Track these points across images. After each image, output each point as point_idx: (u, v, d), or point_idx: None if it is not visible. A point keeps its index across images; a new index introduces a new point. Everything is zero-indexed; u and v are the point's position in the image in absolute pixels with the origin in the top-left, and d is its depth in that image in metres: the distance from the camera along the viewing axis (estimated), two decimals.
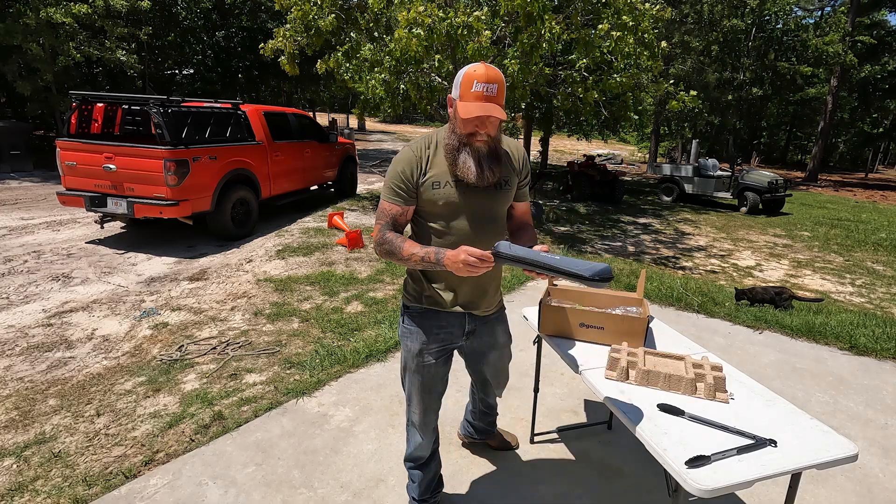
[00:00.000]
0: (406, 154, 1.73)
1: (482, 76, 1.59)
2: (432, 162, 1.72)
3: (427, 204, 1.73)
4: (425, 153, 1.73)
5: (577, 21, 7.37)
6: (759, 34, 22.63)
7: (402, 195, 1.71)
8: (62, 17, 10.91)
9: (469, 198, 1.72)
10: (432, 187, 1.70)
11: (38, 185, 10.25)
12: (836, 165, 33.93)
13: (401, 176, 1.70)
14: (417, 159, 1.71)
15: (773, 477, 1.45)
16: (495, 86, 1.60)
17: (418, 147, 1.74)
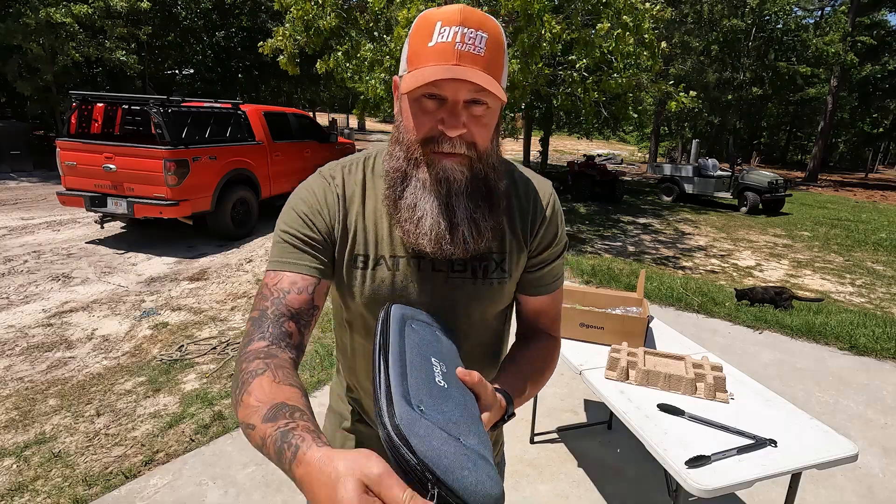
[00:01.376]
0: (312, 188, 0.91)
1: (452, 17, 0.76)
2: (356, 215, 0.89)
3: (353, 296, 0.91)
4: (341, 197, 0.90)
5: (577, 21, 7.38)
6: (759, 34, 22.63)
7: (307, 252, 0.86)
8: (62, 17, 10.90)
9: (424, 289, 0.89)
10: (353, 266, 0.89)
11: (38, 185, 10.25)
12: (836, 165, 33.94)
13: (303, 220, 0.87)
14: (327, 205, 0.89)
15: (773, 477, 1.45)
16: (483, 35, 0.77)
17: (332, 181, 0.91)
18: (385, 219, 0.89)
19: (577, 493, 2.41)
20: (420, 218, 0.81)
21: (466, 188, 0.83)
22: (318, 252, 0.87)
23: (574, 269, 6.18)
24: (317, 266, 0.86)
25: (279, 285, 0.84)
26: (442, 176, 0.81)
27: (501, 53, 0.79)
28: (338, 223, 0.89)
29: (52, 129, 15.26)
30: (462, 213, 0.82)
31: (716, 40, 21.57)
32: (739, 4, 21.21)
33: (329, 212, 0.89)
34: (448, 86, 0.76)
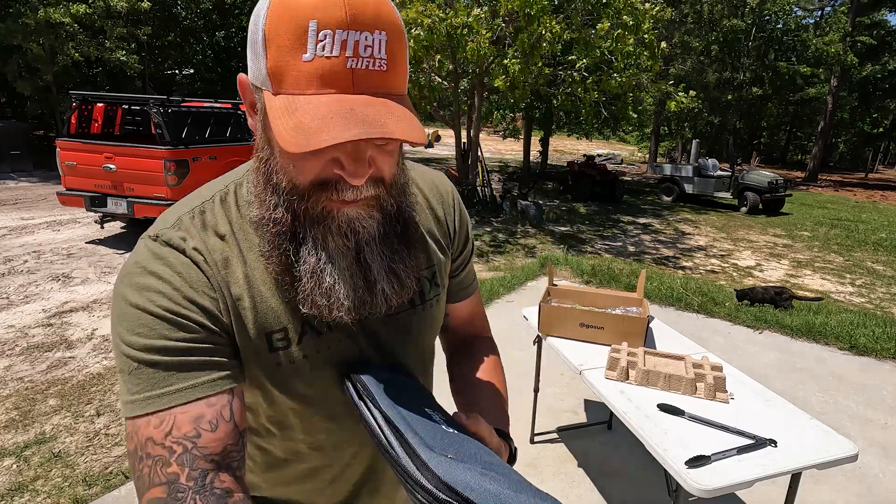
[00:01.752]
0: (156, 269, 0.61)
1: (334, 12, 0.52)
2: (244, 280, 0.65)
3: (264, 394, 0.71)
4: (211, 264, 0.64)
5: (577, 21, 7.38)
6: (759, 34, 22.63)
7: (200, 362, 0.61)
8: (62, 17, 10.91)
9: (370, 341, 0.74)
10: (269, 349, 0.67)
11: (38, 185, 10.25)
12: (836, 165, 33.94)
13: (169, 320, 0.59)
14: (196, 284, 0.62)
15: (773, 477, 1.45)
16: (381, 35, 0.55)
17: (185, 245, 0.64)
18: (271, 288, 0.66)
19: (577, 493, 2.41)
20: (329, 288, 0.62)
21: (378, 233, 0.65)
22: (216, 352, 0.62)
23: (574, 269, 6.19)
24: (224, 373, 0.61)
25: (178, 432, 0.56)
26: (347, 228, 0.62)
27: (403, 45, 0.57)
28: (222, 302, 0.63)
29: (52, 129, 15.27)
30: (378, 265, 0.65)
31: (716, 40, 21.58)
32: (739, 4, 21.21)
33: (203, 291, 0.61)
34: (354, 141, 0.52)
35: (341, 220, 0.61)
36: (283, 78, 0.54)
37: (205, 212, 0.67)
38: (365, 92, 0.54)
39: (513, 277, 5.67)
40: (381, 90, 0.55)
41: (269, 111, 0.55)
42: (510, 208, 9.99)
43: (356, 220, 0.62)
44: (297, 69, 0.53)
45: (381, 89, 0.55)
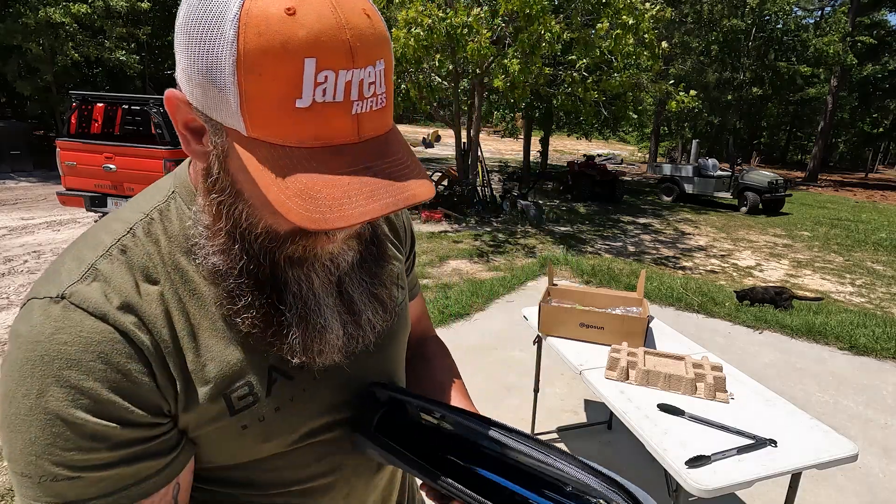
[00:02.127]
0: (65, 351, 0.46)
1: (335, 48, 0.42)
2: (187, 336, 0.53)
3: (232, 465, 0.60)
4: (141, 328, 0.50)
5: (577, 21, 7.38)
6: (759, 34, 22.63)
7: (134, 459, 0.50)
8: (62, 17, 10.91)
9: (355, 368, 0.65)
10: (231, 410, 0.55)
11: (38, 185, 10.25)
12: (836, 165, 33.94)
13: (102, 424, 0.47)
14: (123, 365, 0.48)
15: (773, 477, 1.45)
16: (380, 65, 0.46)
17: (106, 309, 0.49)
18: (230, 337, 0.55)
19: None
20: (321, 330, 0.55)
21: (357, 260, 0.60)
22: (157, 449, 0.51)
23: (574, 269, 6.19)
24: (166, 470, 0.52)
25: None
26: (331, 265, 0.57)
27: (392, 63, 0.50)
28: (163, 376, 0.51)
29: (52, 129, 15.27)
30: (359, 294, 0.60)
31: (716, 40, 21.58)
32: (739, 4, 21.21)
33: (138, 375, 0.49)
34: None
35: (324, 258, 0.56)
36: (265, 123, 0.43)
37: (126, 250, 0.52)
38: (367, 136, 0.47)
39: (513, 277, 5.67)
40: (382, 130, 0.49)
41: (244, 159, 0.45)
42: (510, 208, 10.00)
43: (339, 255, 0.57)
44: (288, 115, 0.43)
45: (381, 130, 0.48)
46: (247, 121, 0.44)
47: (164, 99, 0.49)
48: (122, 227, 0.54)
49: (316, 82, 0.42)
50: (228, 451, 0.57)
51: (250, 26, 0.41)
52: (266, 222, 0.51)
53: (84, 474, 0.47)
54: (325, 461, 0.64)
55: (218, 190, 0.51)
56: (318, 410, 0.62)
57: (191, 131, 0.50)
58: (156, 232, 0.55)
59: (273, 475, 0.62)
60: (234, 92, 0.43)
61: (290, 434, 0.59)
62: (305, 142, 0.44)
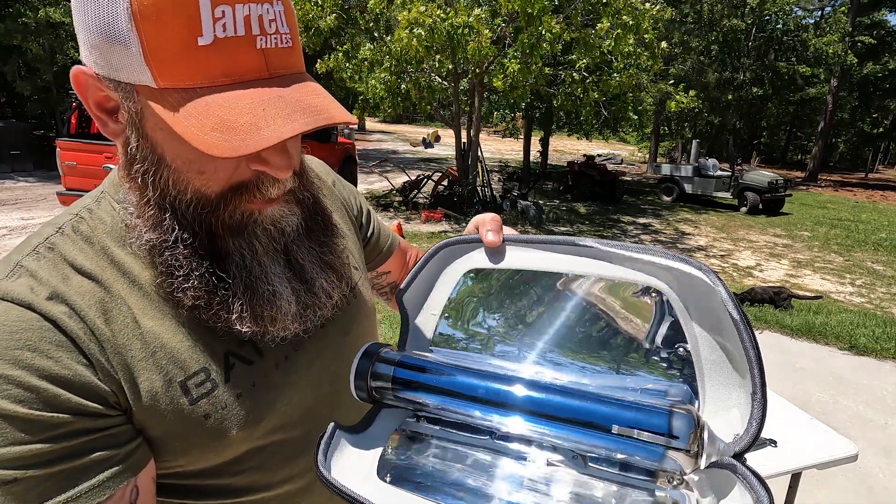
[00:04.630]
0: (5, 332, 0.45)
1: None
2: (131, 324, 0.51)
3: (194, 457, 0.56)
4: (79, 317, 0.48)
5: (577, 21, 7.38)
6: (759, 34, 22.63)
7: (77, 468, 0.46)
8: (61, 17, 10.92)
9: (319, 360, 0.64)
10: (187, 399, 0.53)
11: (38, 185, 10.25)
12: (836, 165, 33.95)
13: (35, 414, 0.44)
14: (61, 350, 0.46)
15: (773, 477, 1.45)
16: (279, 6, 0.47)
17: (39, 299, 0.47)
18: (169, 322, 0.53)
19: None
20: (270, 296, 0.53)
21: (302, 228, 0.58)
22: (105, 440, 0.48)
23: None
24: (117, 467, 0.48)
25: None
26: (273, 231, 0.54)
27: (293, 11, 0.49)
28: (101, 367, 0.48)
29: (52, 129, 15.28)
30: (311, 262, 0.57)
31: (716, 40, 21.59)
32: (739, 4, 21.21)
33: (70, 361, 0.46)
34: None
35: (266, 223, 0.53)
36: (170, 68, 0.42)
37: (55, 247, 0.51)
38: (279, 73, 0.46)
39: None
40: (293, 69, 0.48)
41: (158, 112, 0.44)
42: (510, 208, 10.00)
43: (280, 219, 0.54)
44: (193, 55, 0.42)
45: (292, 69, 0.47)
46: (154, 70, 0.43)
47: (72, 79, 0.47)
48: (50, 229, 0.53)
49: (214, 17, 0.42)
50: (195, 447, 0.54)
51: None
52: (194, 186, 0.49)
53: (24, 473, 0.43)
54: (300, 461, 0.61)
55: (140, 160, 0.49)
56: (284, 400, 0.59)
57: (105, 112, 0.49)
58: (84, 229, 0.53)
59: (245, 479, 0.59)
60: (135, 43, 0.42)
61: (256, 424, 0.56)
62: (216, 80, 0.43)
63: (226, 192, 0.49)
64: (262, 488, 0.60)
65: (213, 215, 0.50)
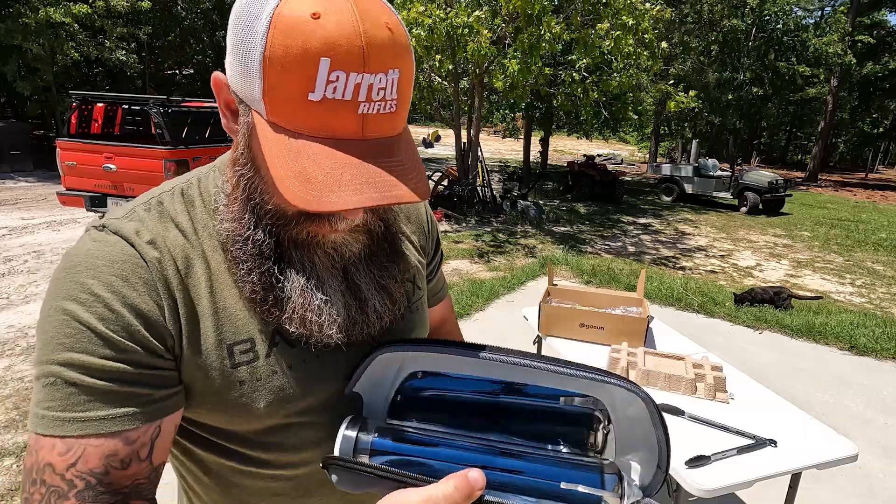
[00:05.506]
0: (99, 267, 0.53)
1: (349, 51, 0.47)
2: (205, 284, 0.59)
3: (218, 415, 0.61)
4: (167, 265, 0.57)
5: (576, 21, 7.38)
6: (760, 34, 22.63)
7: (127, 391, 0.52)
8: (62, 17, 10.91)
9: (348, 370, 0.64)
10: (230, 362, 0.59)
11: (38, 185, 10.25)
12: (836, 165, 33.94)
13: (103, 335, 0.51)
14: (143, 290, 0.54)
15: (773, 477, 1.45)
16: (394, 74, 0.50)
17: (138, 240, 0.56)
18: (235, 295, 0.60)
19: None
20: (320, 305, 0.58)
21: (365, 254, 0.63)
22: (150, 378, 0.54)
23: (574, 269, 6.19)
24: (154, 406, 0.54)
25: (84, 466, 0.50)
26: (333, 252, 0.60)
27: (412, 77, 0.53)
28: (171, 310, 0.55)
29: (52, 129, 15.27)
30: (367, 283, 0.62)
31: (716, 40, 21.58)
32: (739, 4, 21.21)
33: (149, 298, 0.54)
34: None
35: (327, 246, 0.59)
36: (282, 110, 0.49)
37: (163, 202, 0.61)
38: (373, 137, 0.51)
39: (513, 277, 5.67)
40: (389, 133, 0.52)
41: (261, 139, 0.51)
42: (510, 208, 10.00)
43: (342, 244, 0.60)
44: (302, 107, 0.48)
45: (387, 132, 0.52)
46: (267, 106, 0.49)
47: (211, 80, 0.56)
48: (166, 186, 0.64)
49: (328, 80, 0.47)
50: (226, 409, 0.59)
51: (279, 25, 0.47)
52: (276, 200, 0.55)
53: (83, 380, 0.50)
54: (322, 448, 0.64)
55: (241, 164, 0.56)
56: (314, 390, 0.62)
57: (229, 111, 0.57)
58: (191, 194, 0.62)
59: (266, 453, 0.63)
60: (259, 80, 0.48)
61: (283, 403, 0.60)
62: (314, 131, 0.49)
63: (300, 215, 0.56)
64: (281, 466, 0.64)
65: (283, 228, 0.57)
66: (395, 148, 0.52)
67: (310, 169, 0.48)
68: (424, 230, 0.82)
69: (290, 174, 0.48)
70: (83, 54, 11.93)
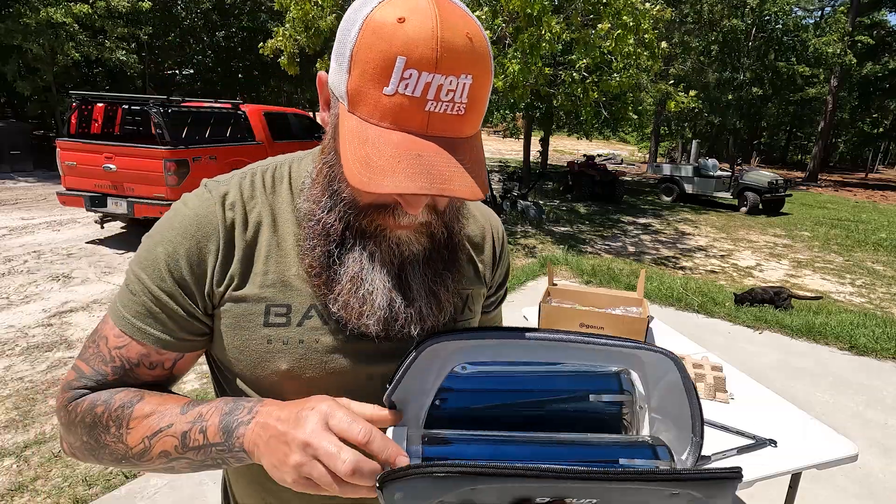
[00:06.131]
0: (183, 213, 0.67)
1: (424, 54, 0.51)
2: (266, 248, 0.67)
3: (243, 364, 0.67)
4: (234, 225, 0.66)
5: (577, 21, 7.38)
6: (759, 34, 22.64)
7: (163, 320, 0.65)
8: (62, 17, 10.91)
9: (371, 363, 0.68)
10: (265, 321, 0.66)
11: (38, 185, 10.25)
12: (836, 165, 33.94)
13: (162, 269, 0.64)
14: (204, 243, 0.65)
15: (773, 477, 1.45)
16: (466, 79, 0.53)
17: (221, 200, 0.67)
18: (299, 268, 0.66)
19: None
20: (367, 294, 0.62)
21: (423, 255, 0.66)
22: (183, 323, 0.65)
23: (574, 269, 6.19)
24: (178, 339, 0.66)
25: (125, 353, 0.65)
26: (395, 248, 0.63)
27: (488, 85, 0.57)
28: (223, 265, 0.65)
29: (52, 129, 15.28)
30: (419, 285, 0.65)
31: (716, 40, 21.58)
32: (739, 4, 21.21)
33: (210, 250, 0.64)
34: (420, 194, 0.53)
35: (391, 240, 0.63)
36: (360, 102, 0.54)
37: (256, 174, 0.71)
38: (437, 135, 0.54)
39: (513, 277, 5.67)
40: (454, 134, 0.55)
41: (341, 127, 0.57)
42: (510, 208, 10.00)
43: (405, 242, 0.64)
44: (376, 99, 0.53)
45: (453, 133, 0.55)
46: (350, 98, 0.55)
47: (317, 78, 0.63)
48: (264, 163, 0.73)
49: (402, 77, 0.51)
50: (249, 359, 0.66)
51: (369, 28, 0.52)
52: (350, 190, 0.61)
53: (139, 293, 0.64)
54: None
55: (327, 151, 0.63)
56: (333, 372, 0.66)
57: (325, 102, 0.63)
58: (283, 171, 0.71)
59: None
60: (346, 73, 0.55)
61: (300, 373, 0.66)
62: (384, 122, 0.53)
63: (370, 206, 0.61)
64: None
65: (354, 217, 0.62)
66: (459, 148, 0.55)
67: (372, 155, 0.52)
68: (491, 263, 0.83)
69: (355, 158, 0.53)
70: (83, 54, 11.92)
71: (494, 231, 0.85)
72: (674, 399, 0.60)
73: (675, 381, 0.59)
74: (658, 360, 0.60)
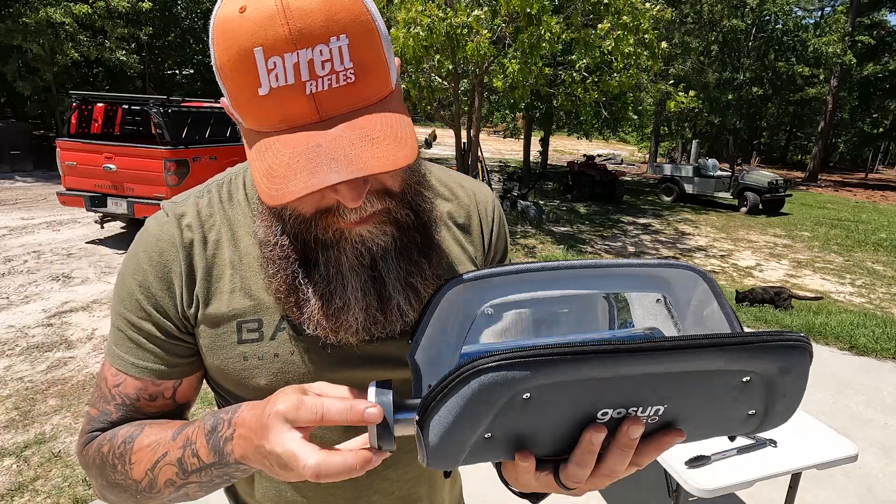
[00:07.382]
0: (146, 242, 0.66)
1: (275, 34, 0.45)
2: (226, 265, 0.65)
3: (227, 383, 0.67)
4: (195, 244, 0.65)
5: (577, 21, 7.38)
6: (760, 34, 22.64)
7: (150, 350, 0.64)
8: (62, 17, 10.91)
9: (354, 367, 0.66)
10: (237, 339, 0.64)
11: (38, 185, 10.24)
12: (836, 165, 33.94)
13: (137, 300, 0.64)
14: (168, 268, 0.64)
15: (773, 477, 1.45)
16: (341, 40, 0.46)
17: (178, 221, 0.65)
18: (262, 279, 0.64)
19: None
20: (338, 310, 0.58)
21: (394, 246, 0.60)
22: (168, 347, 0.64)
23: None
24: (170, 367, 0.65)
25: (123, 390, 0.65)
26: (361, 247, 0.58)
27: (375, 40, 0.49)
28: (188, 287, 0.63)
29: (52, 129, 15.27)
30: (394, 279, 0.60)
31: (716, 40, 21.58)
32: (739, 4, 21.21)
33: (176, 274, 0.63)
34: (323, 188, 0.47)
35: (355, 241, 0.58)
36: (246, 114, 0.49)
37: (212, 191, 0.69)
38: (334, 114, 0.47)
39: None
40: (353, 106, 0.48)
41: (245, 147, 0.52)
42: (510, 208, 10.00)
43: (369, 237, 0.58)
44: (257, 105, 0.47)
45: (352, 106, 0.48)
46: (238, 113, 0.51)
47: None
48: (224, 175, 0.70)
49: (268, 69, 0.45)
50: (230, 378, 0.65)
51: (219, 29, 0.47)
52: (292, 205, 0.56)
53: (125, 329, 0.64)
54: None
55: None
56: (319, 376, 0.63)
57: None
58: (239, 183, 0.69)
59: None
60: (224, 90, 0.50)
61: (280, 386, 0.58)
62: (275, 126, 0.48)
63: (316, 214, 0.56)
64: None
65: (307, 231, 0.57)
66: (365, 120, 0.48)
67: (273, 164, 0.47)
68: (481, 243, 0.76)
69: (260, 174, 0.48)
70: (83, 54, 11.93)
71: (481, 207, 0.77)
72: (707, 312, 0.56)
73: (705, 294, 0.55)
74: (684, 276, 0.56)
